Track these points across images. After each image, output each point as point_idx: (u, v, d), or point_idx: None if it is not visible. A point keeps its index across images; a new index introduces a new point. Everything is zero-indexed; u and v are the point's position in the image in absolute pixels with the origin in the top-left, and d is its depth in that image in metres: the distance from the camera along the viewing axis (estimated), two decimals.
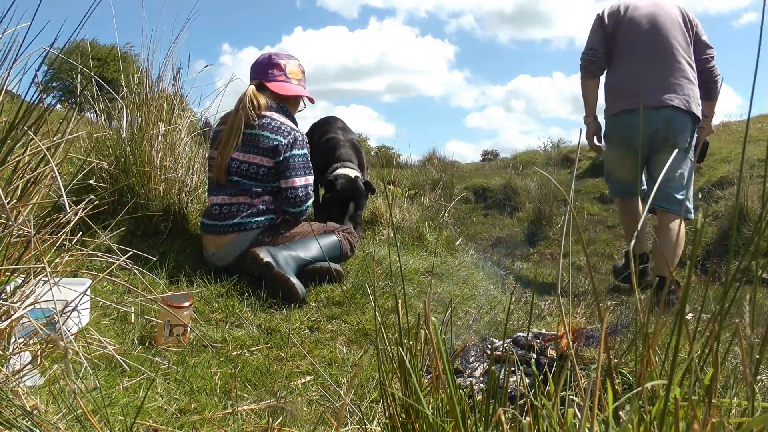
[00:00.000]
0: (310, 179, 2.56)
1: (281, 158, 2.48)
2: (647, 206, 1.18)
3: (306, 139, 2.58)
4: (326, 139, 3.29)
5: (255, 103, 2.52)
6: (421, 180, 7.00)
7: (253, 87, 2.57)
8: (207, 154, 2.72)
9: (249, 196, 2.49)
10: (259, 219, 2.48)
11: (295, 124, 2.63)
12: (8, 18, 1.26)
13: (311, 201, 2.59)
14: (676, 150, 3.04)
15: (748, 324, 0.77)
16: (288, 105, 2.64)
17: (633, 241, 1.18)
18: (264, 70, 2.63)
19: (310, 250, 2.47)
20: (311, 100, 2.78)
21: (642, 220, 1.23)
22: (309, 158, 2.56)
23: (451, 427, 0.86)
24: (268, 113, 2.53)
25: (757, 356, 0.74)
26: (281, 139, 2.48)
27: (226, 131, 2.52)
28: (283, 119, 2.55)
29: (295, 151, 2.50)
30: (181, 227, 2.79)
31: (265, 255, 2.33)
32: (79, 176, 1.65)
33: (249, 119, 2.50)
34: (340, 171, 3.09)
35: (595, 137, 3.35)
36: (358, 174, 3.12)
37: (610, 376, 0.82)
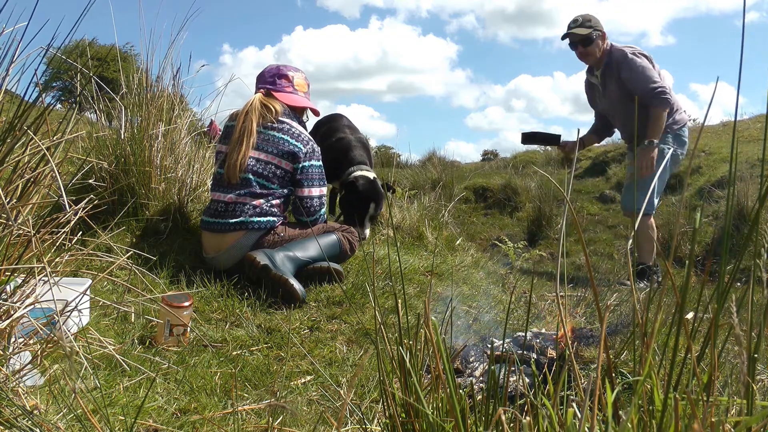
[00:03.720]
0: (324, 190, 2.65)
1: (300, 166, 2.55)
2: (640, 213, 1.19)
3: (319, 150, 2.65)
4: (336, 138, 3.28)
5: (271, 107, 2.56)
6: (421, 180, 7.00)
7: (260, 94, 2.61)
8: (216, 148, 2.73)
9: (256, 197, 2.48)
10: (261, 219, 2.47)
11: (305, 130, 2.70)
12: (6, 17, 1.26)
13: (323, 210, 2.67)
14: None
15: (741, 322, 0.77)
16: (297, 113, 2.70)
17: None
18: (273, 80, 2.67)
19: (308, 249, 2.47)
20: (316, 113, 2.87)
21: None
22: (322, 169, 2.64)
23: (451, 426, 0.86)
24: (286, 120, 2.58)
25: (755, 355, 0.74)
26: (301, 146, 2.54)
27: (237, 134, 2.52)
28: (301, 128, 2.62)
29: (314, 162, 2.59)
30: (181, 227, 2.79)
31: (261, 258, 2.33)
32: (78, 176, 1.65)
33: (264, 121, 2.53)
34: (359, 173, 3.10)
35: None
36: (375, 175, 3.14)
37: (609, 375, 0.82)
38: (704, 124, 0.85)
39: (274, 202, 2.51)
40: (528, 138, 3.99)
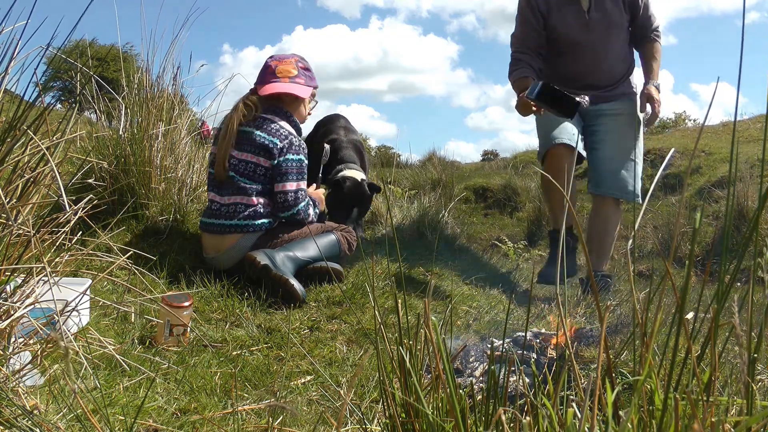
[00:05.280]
0: (302, 184, 2.54)
1: (275, 162, 2.48)
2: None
3: (303, 145, 2.56)
4: (329, 140, 3.28)
5: (251, 105, 2.54)
6: (421, 180, 7.00)
7: (247, 93, 2.60)
8: (211, 149, 2.74)
9: (247, 195, 2.48)
10: (257, 222, 2.47)
11: (295, 126, 2.61)
12: (6, 16, 1.25)
13: (302, 205, 2.53)
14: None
15: (741, 322, 0.77)
16: (285, 106, 2.60)
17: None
18: (259, 77, 2.63)
19: (308, 250, 2.47)
20: (294, 96, 2.57)
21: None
22: (303, 164, 2.54)
23: (451, 426, 0.86)
24: (268, 116, 2.54)
25: (755, 355, 0.74)
26: (277, 141, 2.48)
27: (222, 130, 2.54)
28: (282, 123, 2.54)
29: (290, 156, 2.49)
30: (181, 227, 2.79)
31: (262, 258, 2.33)
32: (78, 176, 1.65)
33: (245, 119, 2.52)
34: (347, 173, 3.07)
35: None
36: (364, 177, 3.12)
37: (609, 375, 0.82)
38: (704, 124, 0.85)
39: (263, 201, 2.49)
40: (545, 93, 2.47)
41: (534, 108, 2.60)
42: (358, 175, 3.07)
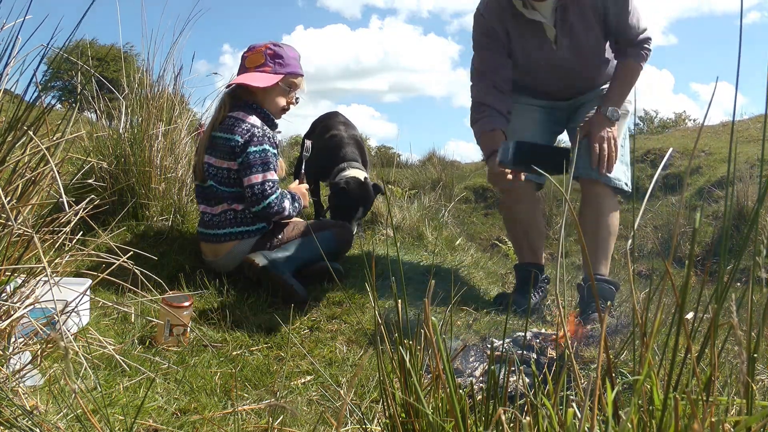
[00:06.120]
0: (269, 175, 2.37)
1: (240, 160, 2.36)
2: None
3: (267, 135, 2.39)
4: (329, 136, 3.23)
5: (221, 106, 2.47)
6: (422, 180, 7.00)
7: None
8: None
9: (231, 202, 2.42)
10: (251, 228, 2.44)
11: (264, 117, 2.46)
12: (5, 15, 1.26)
13: (273, 197, 2.36)
14: None
15: (740, 322, 0.77)
16: (253, 98, 2.47)
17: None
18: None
19: (306, 249, 2.45)
20: (251, 86, 2.42)
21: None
22: (268, 154, 2.37)
23: (451, 426, 0.86)
24: (233, 113, 2.42)
25: (755, 355, 0.74)
26: (238, 138, 2.35)
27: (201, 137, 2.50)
28: (249, 118, 2.40)
29: (250, 149, 2.34)
30: (181, 227, 2.79)
31: (260, 260, 2.32)
32: (78, 176, 1.65)
33: (216, 123, 2.45)
34: (350, 173, 3.04)
35: None
36: (367, 175, 3.11)
37: (609, 375, 0.82)
38: (704, 124, 0.85)
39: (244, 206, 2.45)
40: (522, 155, 2.13)
41: (510, 177, 2.25)
42: (360, 174, 3.05)
